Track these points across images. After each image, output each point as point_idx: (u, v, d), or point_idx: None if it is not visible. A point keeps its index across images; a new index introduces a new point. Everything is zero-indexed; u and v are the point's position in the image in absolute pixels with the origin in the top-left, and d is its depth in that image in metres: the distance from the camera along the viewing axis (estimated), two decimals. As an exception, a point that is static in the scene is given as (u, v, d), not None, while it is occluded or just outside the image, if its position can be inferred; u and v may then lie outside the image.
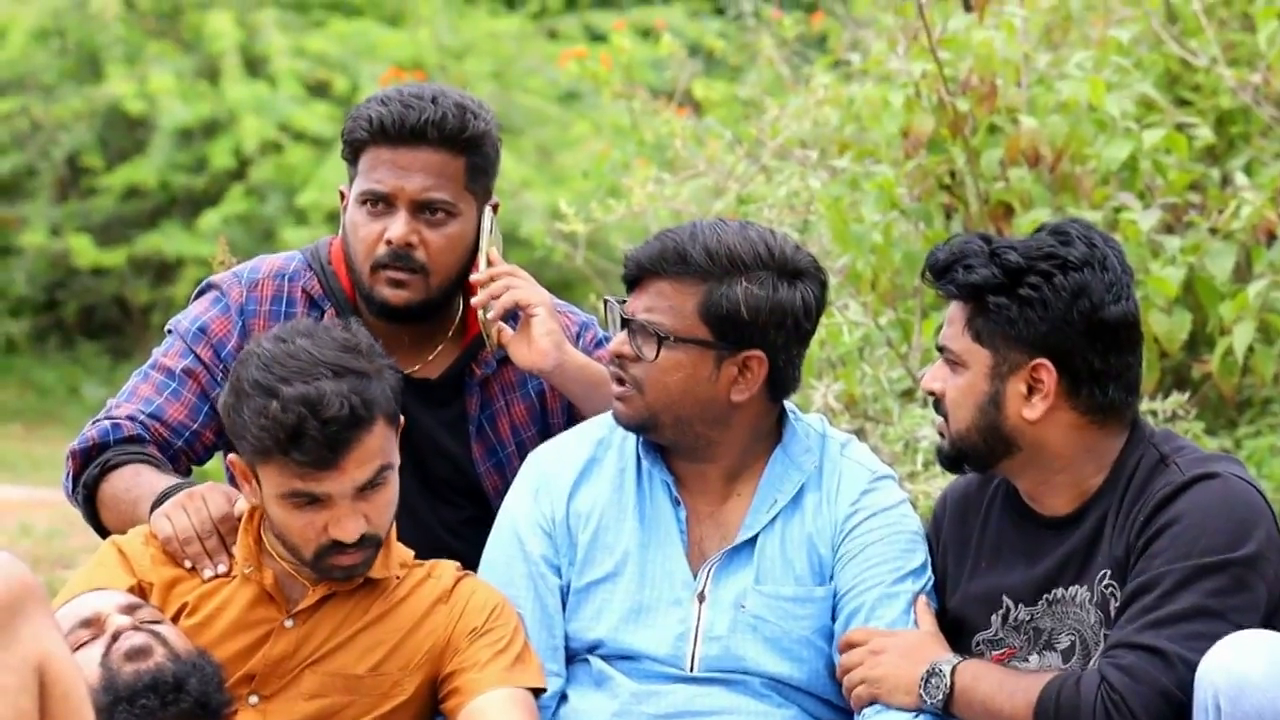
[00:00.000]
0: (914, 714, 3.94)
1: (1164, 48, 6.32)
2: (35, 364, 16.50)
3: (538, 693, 3.99)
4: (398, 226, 4.24)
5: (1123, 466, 3.92)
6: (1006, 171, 5.49)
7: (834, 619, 4.08)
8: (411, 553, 4.06)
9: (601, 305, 4.28)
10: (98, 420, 4.37)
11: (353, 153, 4.31)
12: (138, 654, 3.74)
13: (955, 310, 3.95)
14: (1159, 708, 3.71)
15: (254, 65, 15.79)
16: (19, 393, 16.20)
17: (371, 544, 3.91)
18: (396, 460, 3.89)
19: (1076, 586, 3.90)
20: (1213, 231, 5.55)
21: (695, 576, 4.08)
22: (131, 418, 4.32)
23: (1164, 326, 5.37)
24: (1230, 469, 3.87)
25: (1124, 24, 6.41)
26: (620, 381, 4.05)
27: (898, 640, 3.99)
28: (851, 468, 4.13)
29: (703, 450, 4.09)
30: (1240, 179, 5.72)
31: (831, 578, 4.08)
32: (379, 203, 4.27)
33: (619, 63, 7.42)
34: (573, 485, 4.15)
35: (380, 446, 3.85)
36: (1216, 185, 6.10)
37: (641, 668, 4.06)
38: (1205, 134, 6.10)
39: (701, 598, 4.07)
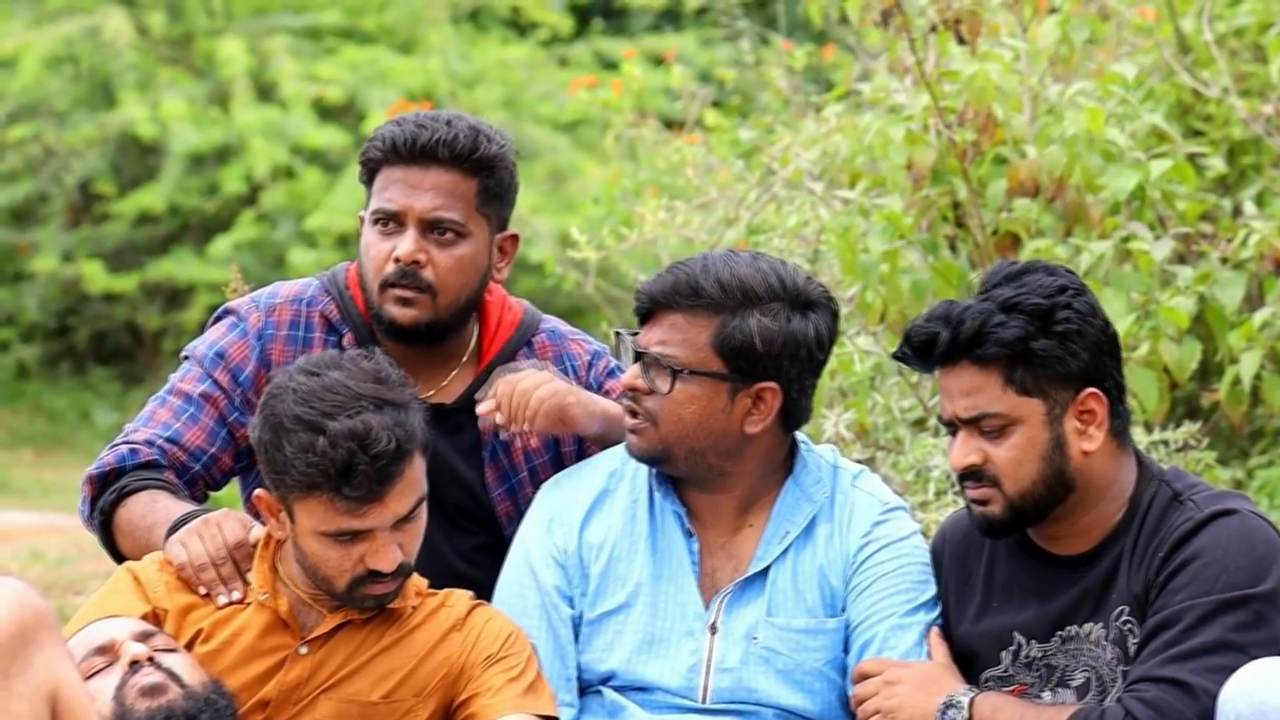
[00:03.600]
0: None
1: (1176, 78, 6.32)
2: (46, 389, 16.51)
3: None
4: (405, 244, 4.24)
5: (1137, 504, 3.92)
6: (1011, 202, 5.50)
7: (846, 650, 4.07)
8: (425, 581, 4.07)
9: (613, 336, 4.28)
10: (115, 445, 4.35)
11: (369, 174, 4.32)
12: (152, 691, 3.73)
13: (977, 377, 3.89)
14: None
15: (265, 92, 15.83)
16: (30, 418, 16.22)
17: (405, 573, 3.92)
18: (427, 490, 3.91)
19: (1092, 624, 3.90)
20: (1223, 261, 5.55)
21: (707, 608, 4.08)
22: (149, 442, 4.31)
23: (1174, 356, 5.37)
24: (1245, 505, 3.88)
25: (1136, 54, 6.41)
26: (634, 414, 4.05)
27: (913, 671, 3.98)
28: (863, 499, 4.13)
29: (716, 481, 4.09)
30: (1250, 209, 5.72)
31: (844, 609, 4.08)
32: (390, 221, 4.27)
33: (629, 90, 7.43)
34: (585, 517, 4.15)
35: (419, 478, 3.87)
36: (1228, 215, 6.10)
37: (654, 699, 4.06)
38: (1217, 164, 6.11)
39: (714, 629, 4.07)
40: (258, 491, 3.94)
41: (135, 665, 3.77)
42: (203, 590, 3.99)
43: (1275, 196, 6.11)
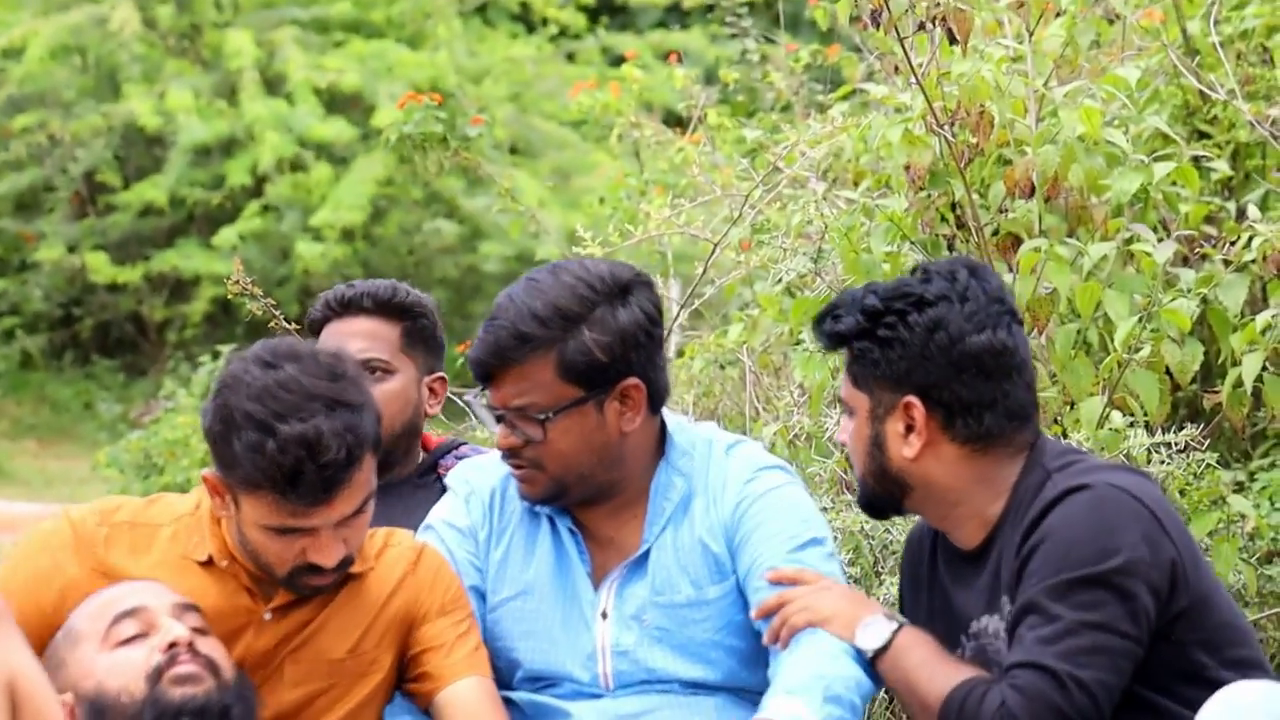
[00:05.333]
0: (847, 645, 3.91)
1: (1182, 80, 6.31)
2: (51, 380, 16.51)
3: None
4: None
5: (1018, 492, 3.92)
6: (1012, 202, 5.48)
7: (745, 602, 4.10)
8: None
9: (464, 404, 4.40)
10: None
11: (314, 332, 4.90)
12: (188, 680, 3.72)
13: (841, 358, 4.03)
14: None
15: (272, 84, 15.82)
16: (34, 408, 16.22)
17: (346, 565, 3.94)
18: (375, 486, 3.94)
19: (989, 617, 3.92)
20: (1226, 264, 5.54)
21: (597, 594, 4.13)
22: None
23: (1176, 358, 5.35)
24: (1107, 477, 3.84)
25: (1141, 56, 6.40)
26: (518, 467, 4.10)
27: (844, 588, 4.03)
28: (736, 465, 4.17)
29: (606, 492, 4.15)
30: (1254, 212, 5.71)
31: (733, 570, 4.11)
32: None
33: (630, 91, 7.43)
34: (493, 502, 4.23)
35: (368, 479, 3.88)
36: (1232, 218, 6.08)
37: (564, 690, 4.12)
38: (1222, 167, 6.10)
39: (604, 615, 4.12)
40: (204, 471, 3.98)
41: (174, 648, 3.74)
42: None
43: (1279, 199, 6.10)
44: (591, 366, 4.01)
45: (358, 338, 4.83)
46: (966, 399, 3.91)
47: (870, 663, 3.90)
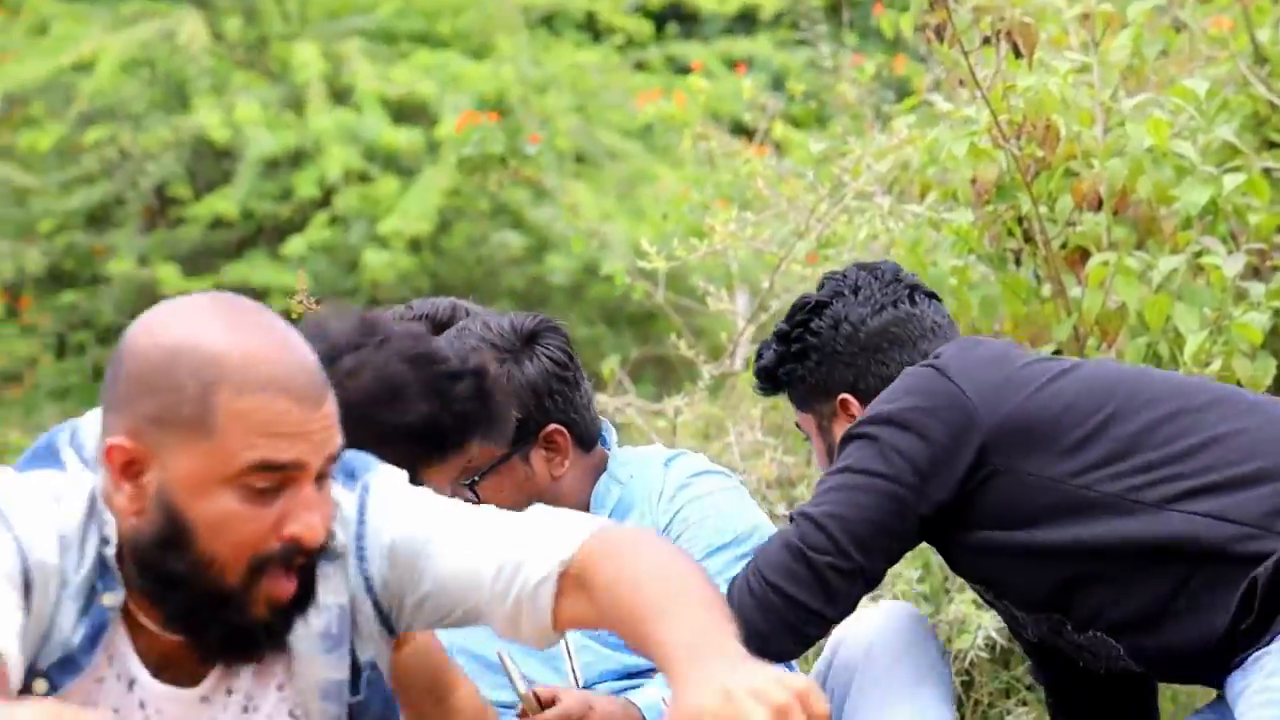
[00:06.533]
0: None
1: (1251, 90, 6.26)
2: (121, 392, 16.60)
3: None
4: None
5: None
6: (1080, 215, 5.45)
7: None
8: None
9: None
10: None
11: None
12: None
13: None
14: (781, 559, 3.76)
15: (340, 96, 15.87)
16: (105, 420, 16.32)
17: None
18: None
19: None
20: (1298, 275, 5.50)
21: None
22: None
23: (1247, 371, 5.31)
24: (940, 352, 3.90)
25: (1209, 65, 6.35)
26: None
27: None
28: (673, 475, 4.23)
29: None
30: (1325, 223, 5.66)
31: None
32: None
33: (696, 102, 7.42)
34: None
35: None
36: (1304, 229, 6.02)
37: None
38: (1292, 177, 6.04)
39: None
40: None
41: (293, 544, 2.96)
42: None
43: (1351, 211, 6.03)
44: None
45: None
46: (889, 374, 3.98)
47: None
